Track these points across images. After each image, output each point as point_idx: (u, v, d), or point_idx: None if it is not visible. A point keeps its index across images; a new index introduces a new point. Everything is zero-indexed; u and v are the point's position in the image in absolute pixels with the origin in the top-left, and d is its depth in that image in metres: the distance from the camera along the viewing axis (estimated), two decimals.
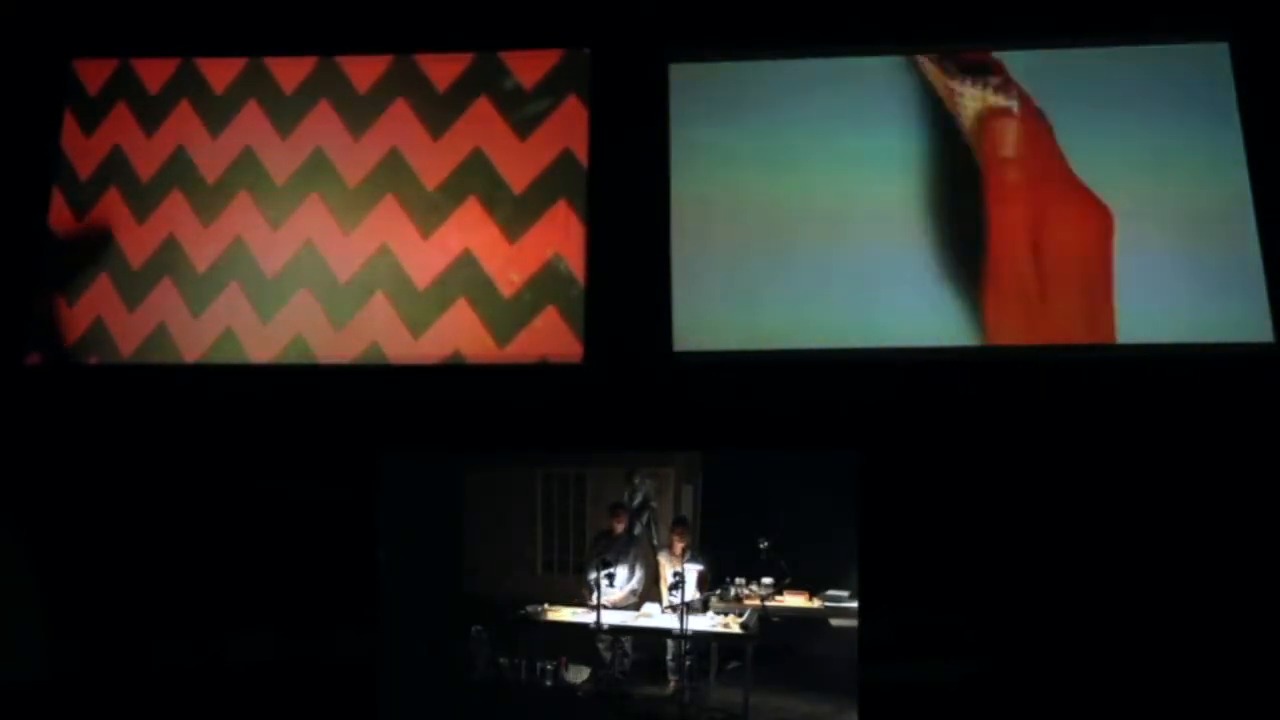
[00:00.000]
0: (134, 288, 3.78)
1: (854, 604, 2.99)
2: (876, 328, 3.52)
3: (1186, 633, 3.10)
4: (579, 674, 3.16)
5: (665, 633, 3.12)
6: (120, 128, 3.92)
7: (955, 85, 3.70)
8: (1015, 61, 3.71)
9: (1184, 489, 3.23)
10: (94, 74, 3.98)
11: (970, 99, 3.68)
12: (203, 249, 3.79)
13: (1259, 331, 3.42)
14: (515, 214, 3.72)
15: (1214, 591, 3.13)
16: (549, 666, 3.14)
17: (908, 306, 3.53)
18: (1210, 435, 3.28)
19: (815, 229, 3.62)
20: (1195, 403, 3.33)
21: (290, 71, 3.92)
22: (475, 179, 3.76)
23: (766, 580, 3.17)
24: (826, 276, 3.58)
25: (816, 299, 3.56)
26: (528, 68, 3.84)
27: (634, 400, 3.46)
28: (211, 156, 3.87)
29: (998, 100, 3.67)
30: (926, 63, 3.74)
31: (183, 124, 3.91)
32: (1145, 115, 3.62)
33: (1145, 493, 3.24)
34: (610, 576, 3.22)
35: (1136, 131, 3.60)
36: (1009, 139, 3.66)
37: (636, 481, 3.33)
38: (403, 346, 3.65)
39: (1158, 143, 3.59)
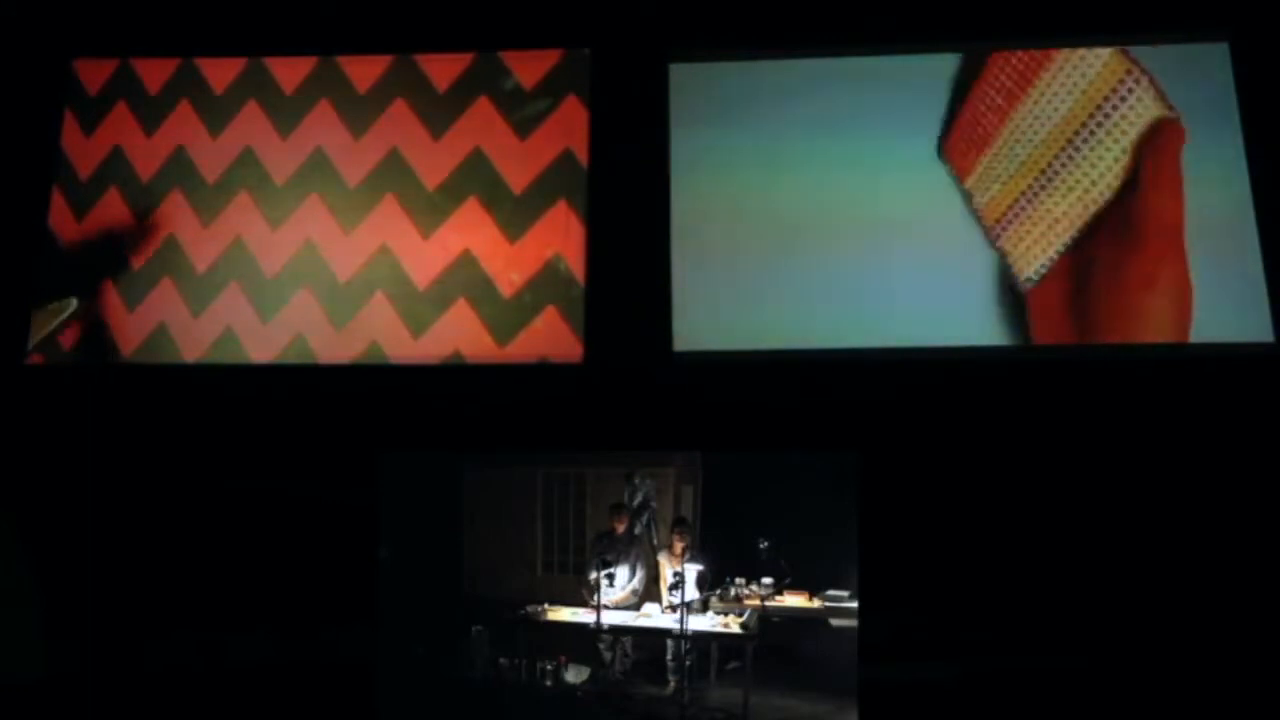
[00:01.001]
0: (134, 288, 3.78)
1: (854, 604, 2.99)
2: (877, 327, 3.52)
3: (1187, 632, 3.09)
4: (579, 674, 3.16)
5: (665, 633, 3.12)
6: (120, 128, 3.92)
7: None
8: None
9: (1184, 489, 3.23)
10: (94, 74, 3.98)
11: None
12: (203, 249, 3.79)
13: (1259, 331, 3.42)
14: (515, 214, 3.72)
15: (1214, 592, 3.13)
16: (549, 666, 3.13)
17: (908, 306, 3.53)
18: (1210, 435, 3.28)
19: (815, 229, 3.62)
20: (1195, 402, 3.33)
21: (290, 71, 3.92)
22: (475, 179, 3.76)
23: (766, 580, 3.16)
24: (827, 276, 3.58)
25: (817, 299, 3.56)
26: (528, 68, 3.83)
27: (634, 400, 3.46)
28: (211, 156, 3.87)
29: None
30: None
31: (183, 124, 3.91)
32: None
33: (1145, 493, 3.24)
34: (610, 576, 3.22)
35: None
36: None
37: (636, 481, 3.33)
38: (403, 346, 3.65)
39: None
